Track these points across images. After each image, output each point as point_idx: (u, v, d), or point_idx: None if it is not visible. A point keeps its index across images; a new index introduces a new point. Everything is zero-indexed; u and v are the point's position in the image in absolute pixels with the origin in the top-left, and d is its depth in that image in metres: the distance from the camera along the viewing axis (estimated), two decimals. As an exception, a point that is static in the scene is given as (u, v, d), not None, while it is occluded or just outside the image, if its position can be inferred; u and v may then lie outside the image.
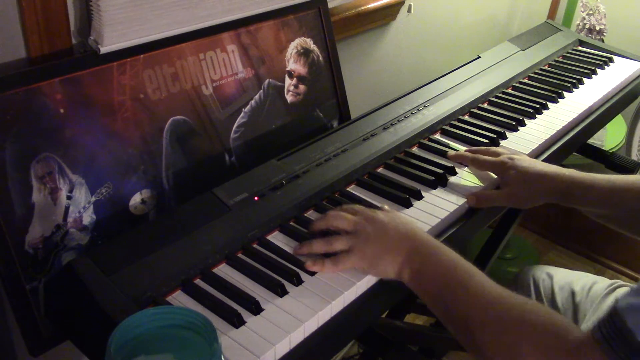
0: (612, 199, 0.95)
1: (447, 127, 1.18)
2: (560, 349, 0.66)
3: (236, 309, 0.74)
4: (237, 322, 0.73)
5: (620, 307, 0.63)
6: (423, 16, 1.68)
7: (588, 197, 0.96)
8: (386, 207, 0.92)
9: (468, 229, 0.97)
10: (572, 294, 1.19)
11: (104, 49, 0.86)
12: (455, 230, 0.94)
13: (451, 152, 1.07)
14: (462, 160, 1.06)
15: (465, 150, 1.09)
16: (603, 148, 1.73)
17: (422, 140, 1.13)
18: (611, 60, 1.50)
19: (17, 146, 0.80)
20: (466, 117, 1.23)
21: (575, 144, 1.26)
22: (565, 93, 1.34)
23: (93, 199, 0.88)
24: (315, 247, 0.83)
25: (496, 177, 1.03)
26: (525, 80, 1.39)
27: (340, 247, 0.82)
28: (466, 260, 0.79)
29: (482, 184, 1.02)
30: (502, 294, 0.73)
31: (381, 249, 0.81)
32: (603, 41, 1.83)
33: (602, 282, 1.19)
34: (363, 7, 1.40)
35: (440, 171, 1.03)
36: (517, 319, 0.70)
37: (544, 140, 1.16)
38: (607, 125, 1.76)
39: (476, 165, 1.04)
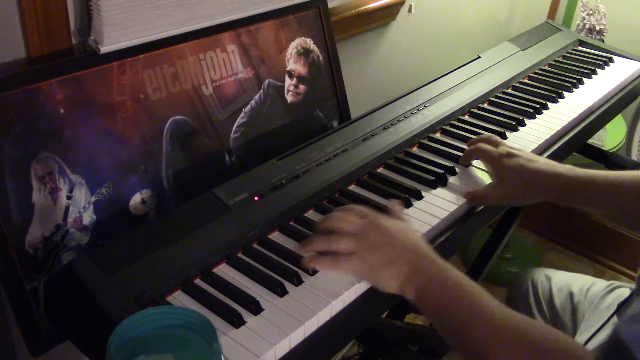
0: (609, 196, 0.94)
1: (447, 127, 1.18)
2: None
3: (236, 309, 0.74)
4: (237, 322, 0.73)
5: (625, 336, 0.62)
6: (423, 16, 1.68)
7: (585, 195, 0.95)
8: (395, 204, 0.89)
9: (468, 229, 0.97)
10: (571, 295, 1.19)
11: (104, 49, 0.86)
12: (455, 230, 0.94)
13: (461, 158, 1.05)
14: (472, 157, 1.04)
15: (468, 143, 1.08)
16: (603, 148, 1.73)
17: (422, 140, 1.13)
18: (611, 60, 1.50)
19: (17, 146, 0.80)
20: (466, 117, 1.23)
21: (575, 144, 1.26)
22: (565, 93, 1.34)
23: (93, 199, 0.88)
24: (316, 245, 0.81)
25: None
26: (525, 80, 1.39)
27: (342, 247, 0.79)
28: (475, 283, 0.77)
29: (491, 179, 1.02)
30: (512, 317, 0.72)
31: (384, 259, 0.78)
32: (603, 41, 1.83)
33: (600, 283, 1.19)
34: (363, 7, 1.40)
35: (440, 171, 1.03)
36: (529, 345, 0.69)
37: (543, 140, 1.16)
38: (607, 125, 1.76)
39: (479, 154, 1.02)
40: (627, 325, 0.63)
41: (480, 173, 1.04)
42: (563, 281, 1.22)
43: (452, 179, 1.03)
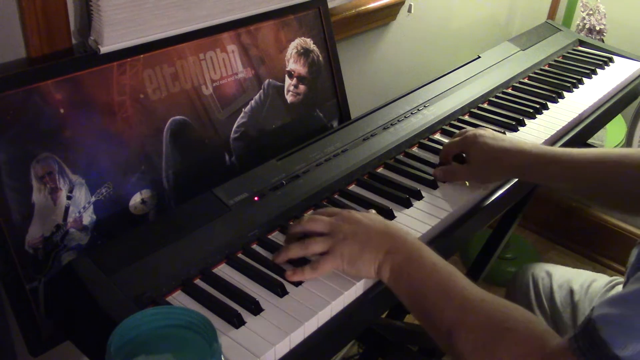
0: (573, 172, 0.96)
1: (447, 127, 1.18)
2: (537, 357, 0.66)
3: (236, 309, 0.74)
4: (237, 322, 0.73)
5: (595, 317, 0.63)
6: (423, 16, 1.68)
7: (549, 171, 0.97)
8: (373, 211, 0.91)
9: (468, 229, 0.97)
10: (571, 292, 1.18)
11: (104, 49, 0.86)
12: (455, 230, 0.94)
13: (439, 175, 1.03)
14: (446, 176, 1.02)
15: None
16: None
17: (422, 140, 1.13)
18: (611, 60, 1.50)
19: (17, 146, 0.80)
20: (466, 117, 1.23)
21: (575, 144, 1.26)
22: (565, 93, 1.34)
23: (93, 199, 0.88)
24: (292, 253, 0.81)
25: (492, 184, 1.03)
26: (525, 80, 1.39)
27: (317, 249, 0.80)
28: (447, 262, 0.78)
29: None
30: (483, 298, 0.72)
31: (359, 247, 0.79)
32: (603, 41, 1.83)
33: (601, 280, 1.19)
34: (363, 7, 1.40)
35: (440, 171, 1.03)
36: (497, 326, 0.69)
37: (544, 140, 1.16)
38: (607, 125, 1.76)
39: (447, 151, 1.04)
40: (600, 308, 0.64)
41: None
42: (564, 277, 1.22)
43: (452, 179, 1.03)
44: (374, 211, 0.90)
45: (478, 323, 0.70)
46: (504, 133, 1.16)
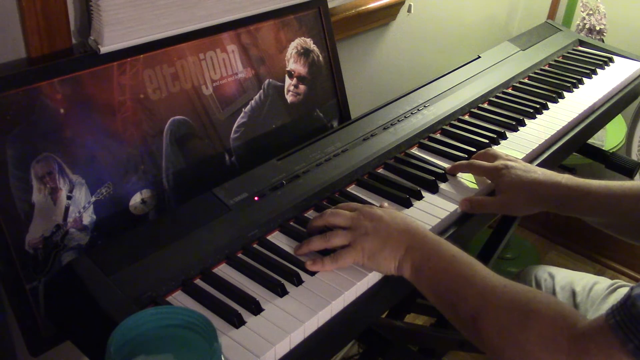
0: (609, 205, 0.94)
1: (447, 127, 1.18)
2: (567, 335, 0.66)
3: (236, 309, 0.74)
4: (237, 322, 0.73)
5: (635, 295, 0.63)
6: (423, 16, 1.68)
7: (584, 204, 0.95)
8: (385, 204, 0.93)
9: (468, 229, 0.97)
10: (573, 294, 1.19)
11: (104, 49, 0.86)
12: (455, 230, 0.94)
13: (449, 167, 1.05)
14: (461, 170, 1.04)
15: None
16: (603, 148, 1.73)
17: (422, 140, 1.13)
18: (611, 60, 1.50)
19: (17, 146, 0.80)
20: (466, 117, 1.23)
21: (575, 144, 1.26)
22: (565, 93, 1.34)
23: (93, 199, 0.88)
24: (314, 245, 0.83)
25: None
26: (525, 80, 1.39)
27: (338, 242, 0.83)
28: (467, 253, 0.80)
29: (477, 187, 1.02)
30: (505, 283, 0.74)
31: (380, 243, 0.81)
32: (603, 41, 1.83)
33: (603, 282, 1.19)
34: (363, 7, 1.40)
35: (441, 171, 1.03)
36: (522, 307, 0.70)
37: (544, 140, 1.16)
38: (607, 125, 1.76)
39: (472, 171, 1.03)
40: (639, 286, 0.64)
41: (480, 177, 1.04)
42: (566, 279, 1.22)
43: (452, 179, 1.03)
44: (386, 204, 0.92)
45: (502, 306, 0.71)
46: (504, 133, 1.16)
